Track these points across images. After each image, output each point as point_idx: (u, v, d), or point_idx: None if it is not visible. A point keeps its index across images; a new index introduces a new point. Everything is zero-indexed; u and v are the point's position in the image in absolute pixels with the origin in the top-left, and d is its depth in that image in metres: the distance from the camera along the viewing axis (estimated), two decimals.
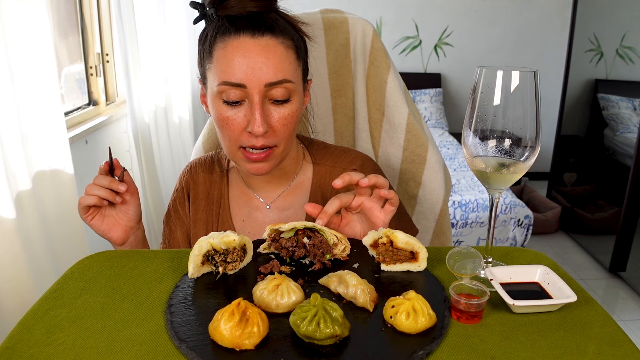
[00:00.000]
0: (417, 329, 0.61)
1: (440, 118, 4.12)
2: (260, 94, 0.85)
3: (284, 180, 1.03)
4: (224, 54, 0.86)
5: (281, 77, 0.85)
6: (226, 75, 0.85)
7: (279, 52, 0.86)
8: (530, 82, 0.68)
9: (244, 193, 1.04)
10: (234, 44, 0.85)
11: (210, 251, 0.74)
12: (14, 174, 1.41)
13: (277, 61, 0.85)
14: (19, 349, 0.59)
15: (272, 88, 0.85)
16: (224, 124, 0.88)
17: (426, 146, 1.23)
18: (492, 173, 0.72)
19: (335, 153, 1.06)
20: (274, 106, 0.88)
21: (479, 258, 0.72)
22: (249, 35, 0.85)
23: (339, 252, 0.78)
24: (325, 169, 1.03)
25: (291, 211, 1.03)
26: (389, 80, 1.22)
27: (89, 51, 2.44)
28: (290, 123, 0.89)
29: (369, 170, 1.02)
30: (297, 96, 0.89)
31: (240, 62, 0.84)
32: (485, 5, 4.23)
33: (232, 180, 1.06)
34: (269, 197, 1.03)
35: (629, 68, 3.35)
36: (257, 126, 0.84)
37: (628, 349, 0.61)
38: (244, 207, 1.03)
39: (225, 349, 0.58)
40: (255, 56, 0.84)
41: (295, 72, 0.88)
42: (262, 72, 0.84)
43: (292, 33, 0.89)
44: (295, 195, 1.03)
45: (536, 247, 3.27)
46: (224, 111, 0.88)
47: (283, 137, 0.90)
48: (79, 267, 0.78)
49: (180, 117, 3.02)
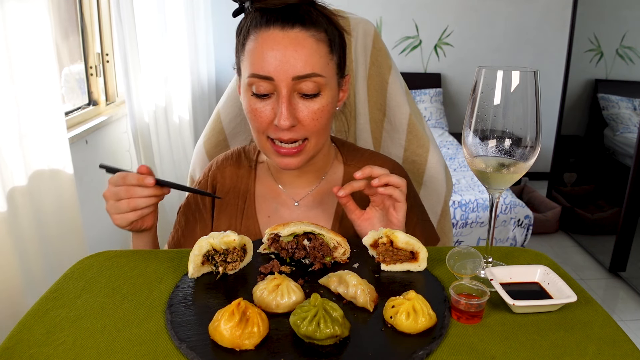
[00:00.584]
0: (417, 329, 0.61)
1: (440, 118, 4.12)
2: (287, 87, 0.84)
3: (314, 177, 1.02)
4: (254, 47, 0.86)
5: (310, 70, 0.84)
6: (255, 67, 0.85)
7: (308, 45, 0.84)
8: (530, 82, 0.68)
9: (272, 189, 1.03)
10: (263, 36, 0.85)
11: (210, 251, 0.74)
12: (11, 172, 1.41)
13: (306, 54, 0.84)
14: (19, 349, 0.59)
15: (301, 81, 0.84)
16: (253, 115, 0.88)
17: (427, 146, 1.22)
18: (492, 173, 0.72)
19: (365, 155, 1.05)
20: (303, 100, 0.86)
21: (479, 258, 0.72)
22: (279, 28, 0.84)
23: (339, 255, 0.78)
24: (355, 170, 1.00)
25: (319, 210, 1.01)
26: (390, 81, 1.22)
27: (89, 51, 2.44)
28: (320, 117, 0.88)
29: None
30: (328, 90, 0.88)
31: (268, 54, 0.84)
32: (485, 5, 4.23)
33: (259, 175, 1.04)
34: (297, 194, 1.02)
35: (629, 68, 3.35)
36: (283, 120, 0.84)
37: (628, 349, 0.61)
38: (271, 203, 1.02)
39: (225, 349, 0.58)
40: (283, 49, 0.83)
41: (326, 66, 0.87)
42: (290, 64, 0.83)
43: (326, 26, 0.88)
44: (324, 194, 1.02)
45: (536, 247, 3.27)
46: (253, 103, 0.88)
47: (313, 131, 0.88)
48: (79, 267, 0.78)
49: (180, 117, 3.02)
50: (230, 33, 4.76)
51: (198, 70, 3.48)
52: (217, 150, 1.23)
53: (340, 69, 0.93)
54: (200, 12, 3.55)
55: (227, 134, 1.23)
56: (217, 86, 4.11)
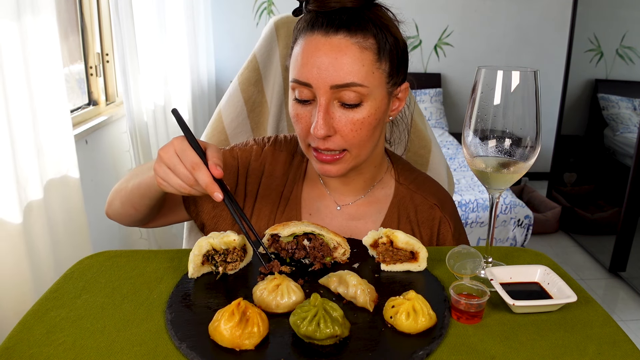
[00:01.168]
0: (417, 329, 0.61)
1: (440, 118, 4.12)
2: (326, 95, 0.81)
3: (361, 187, 0.98)
4: (297, 51, 0.84)
5: (349, 80, 0.80)
6: (296, 73, 0.83)
7: (350, 52, 0.80)
8: (530, 82, 0.68)
9: (317, 187, 1.00)
10: (307, 41, 0.82)
11: (210, 251, 0.74)
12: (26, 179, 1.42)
13: (346, 62, 0.80)
14: (19, 349, 0.59)
15: (340, 90, 0.81)
16: (295, 120, 0.86)
17: (429, 147, 1.22)
18: (492, 173, 0.72)
19: (419, 179, 1.01)
20: (343, 109, 0.82)
21: (479, 258, 0.72)
22: (323, 33, 0.81)
23: (339, 256, 0.78)
24: (407, 191, 0.98)
25: (362, 222, 0.96)
26: None
27: (89, 51, 2.44)
28: (361, 129, 0.83)
29: (447, 211, 0.98)
30: (371, 101, 0.83)
31: (308, 61, 0.81)
32: (485, 5, 4.23)
33: (309, 170, 1.01)
34: (341, 200, 0.98)
35: (629, 68, 3.35)
36: (318, 129, 0.81)
37: (628, 349, 0.61)
38: (315, 202, 0.99)
39: (225, 349, 0.58)
40: (322, 55, 0.80)
41: (370, 76, 0.82)
42: (328, 73, 0.80)
43: (376, 31, 0.82)
44: (371, 206, 0.98)
45: (536, 247, 3.27)
46: (295, 108, 0.86)
47: (354, 142, 0.84)
48: (79, 267, 0.78)
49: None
50: (231, 33, 4.75)
51: (198, 70, 3.48)
52: None
53: (393, 77, 0.87)
54: (200, 12, 3.54)
55: (229, 133, 1.23)
56: (217, 86, 4.11)
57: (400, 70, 0.89)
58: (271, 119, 1.26)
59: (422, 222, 0.97)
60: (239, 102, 1.22)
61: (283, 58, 1.23)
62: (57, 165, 1.60)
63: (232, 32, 4.13)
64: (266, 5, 4.09)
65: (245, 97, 1.24)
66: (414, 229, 0.97)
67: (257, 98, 1.25)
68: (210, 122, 1.25)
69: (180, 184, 0.76)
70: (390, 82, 0.87)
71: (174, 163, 0.76)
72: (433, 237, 0.97)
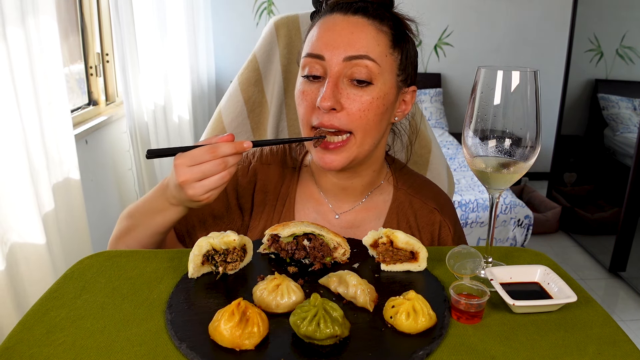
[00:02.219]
0: (417, 329, 0.61)
1: (440, 118, 4.12)
2: (337, 67, 0.80)
3: (359, 193, 0.96)
4: (314, 31, 0.85)
5: (363, 52, 0.80)
6: (309, 47, 0.84)
7: (367, 30, 0.81)
8: (530, 82, 0.68)
9: (314, 196, 0.97)
10: (324, 20, 0.84)
11: (210, 251, 0.73)
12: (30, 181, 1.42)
13: (361, 37, 0.81)
14: (19, 349, 0.59)
15: (353, 65, 0.80)
16: (300, 99, 0.84)
17: (429, 147, 1.22)
18: (492, 173, 0.72)
19: (417, 182, 1.00)
20: (353, 87, 0.81)
21: (479, 258, 0.72)
22: (342, 13, 0.83)
23: (339, 256, 0.78)
24: (405, 195, 0.97)
25: (361, 229, 0.95)
26: None
27: (89, 51, 2.44)
28: (369, 110, 0.81)
29: (447, 214, 0.98)
30: (381, 84, 0.82)
31: (324, 35, 0.82)
32: (485, 5, 4.23)
33: (302, 180, 0.99)
34: (339, 207, 0.96)
35: (629, 68, 3.34)
36: (324, 99, 0.79)
37: (628, 349, 0.61)
38: (311, 211, 0.96)
39: (225, 349, 0.58)
40: (340, 29, 0.81)
41: (383, 57, 0.82)
42: (343, 44, 0.80)
43: (393, 24, 0.85)
44: (368, 212, 0.97)
45: (536, 247, 3.27)
46: (302, 86, 0.84)
47: (359, 124, 0.82)
48: (79, 267, 0.78)
49: (180, 117, 3.02)
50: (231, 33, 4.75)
51: (198, 70, 3.48)
52: None
53: (403, 72, 0.87)
54: (200, 12, 3.54)
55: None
56: (217, 86, 4.11)
57: (411, 69, 0.90)
58: (271, 118, 1.26)
59: (422, 227, 0.96)
60: (239, 102, 1.22)
61: (283, 58, 1.23)
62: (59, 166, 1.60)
63: (232, 32, 4.13)
64: (266, 5, 4.09)
65: (245, 97, 1.24)
66: (415, 234, 0.96)
67: (257, 98, 1.25)
68: (211, 122, 1.25)
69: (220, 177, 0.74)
70: (401, 76, 0.87)
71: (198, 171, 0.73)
72: (434, 241, 0.97)
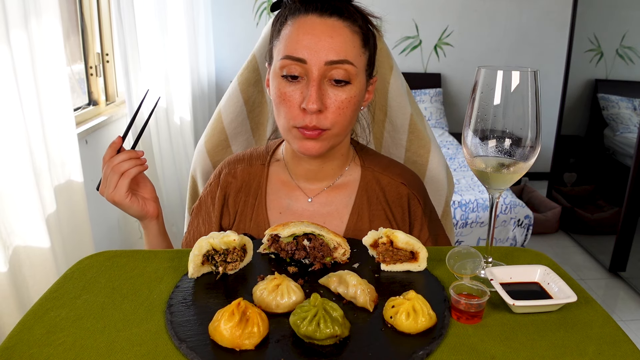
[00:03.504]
0: (417, 329, 0.61)
1: (440, 118, 4.12)
2: (319, 71, 0.85)
3: (330, 176, 1.02)
4: (290, 31, 0.88)
5: (343, 56, 0.85)
6: (289, 49, 0.86)
7: (344, 34, 0.86)
8: (530, 82, 0.68)
9: (286, 185, 1.03)
10: (301, 21, 0.87)
11: (210, 251, 0.74)
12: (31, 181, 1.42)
13: (341, 41, 0.86)
14: (19, 349, 0.59)
15: (333, 68, 0.85)
16: (281, 100, 0.88)
17: (429, 147, 1.22)
18: (492, 173, 0.72)
19: (384, 162, 1.05)
20: (332, 87, 0.87)
21: (479, 258, 0.72)
22: (317, 15, 0.87)
23: (339, 256, 0.78)
24: (374, 173, 1.03)
25: (332, 207, 1.01)
26: (391, 81, 1.22)
27: (89, 51, 2.44)
28: (345, 108, 0.88)
29: (414, 187, 1.02)
30: (357, 83, 0.89)
31: (304, 38, 0.85)
32: (485, 5, 4.23)
33: (272, 173, 1.04)
34: (311, 192, 1.02)
35: (629, 68, 3.35)
36: (312, 102, 0.84)
37: (628, 349, 0.61)
38: (284, 199, 1.02)
39: (225, 349, 0.58)
40: (320, 34, 0.85)
41: (358, 58, 0.88)
42: (325, 49, 0.85)
43: (361, 22, 0.90)
44: (339, 192, 1.02)
45: (536, 247, 3.27)
46: (282, 87, 0.88)
47: (336, 121, 0.88)
48: (79, 267, 0.78)
49: (181, 118, 3.02)
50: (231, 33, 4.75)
51: (198, 70, 3.48)
52: (218, 150, 1.23)
53: (370, 67, 0.93)
54: (200, 12, 3.54)
55: (228, 134, 1.23)
56: (217, 86, 4.11)
57: (374, 62, 0.95)
58: (271, 119, 1.26)
59: (392, 202, 1.00)
60: (239, 103, 1.22)
61: None
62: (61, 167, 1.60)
63: (232, 32, 4.13)
64: (266, 5, 4.09)
65: (245, 97, 1.24)
66: (386, 210, 1.00)
67: (256, 98, 1.25)
68: (210, 123, 1.25)
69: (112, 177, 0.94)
70: (369, 70, 0.93)
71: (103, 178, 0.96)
72: (405, 214, 1.01)
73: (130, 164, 0.94)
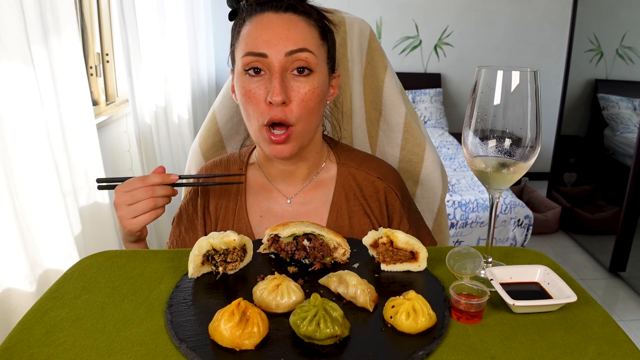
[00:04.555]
0: (417, 329, 0.61)
1: (440, 118, 4.12)
2: (280, 64, 0.86)
3: (306, 175, 1.03)
4: (249, 29, 0.90)
5: (302, 45, 0.87)
6: (249, 46, 0.88)
7: (300, 26, 0.89)
8: (530, 82, 0.68)
9: (264, 188, 1.04)
10: (258, 19, 0.89)
11: (210, 251, 0.74)
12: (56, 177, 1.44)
13: (298, 32, 0.88)
14: (19, 349, 0.59)
15: (293, 58, 0.87)
16: (247, 98, 0.89)
17: (423, 145, 1.23)
18: (492, 173, 0.72)
19: (360, 157, 1.06)
20: (295, 79, 0.88)
21: (479, 258, 0.72)
22: (273, 12, 0.89)
23: (339, 256, 0.78)
24: (349, 169, 1.04)
25: (312, 206, 1.02)
26: (386, 80, 1.22)
27: (89, 51, 2.44)
28: (309, 100, 0.89)
29: (391, 181, 1.03)
30: (319, 73, 0.90)
31: (262, 33, 0.87)
32: (485, 5, 4.23)
33: (250, 177, 1.05)
34: (289, 192, 1.03)
35: (629, 68, 3.35)
36: (276, 94, 0.85)
37: (628, 349, 0.61)
38: (263, 202, 1.02)
39: (225, 349, 0.58)
40: (277, 27, 0.87)
41: (318, 49, 0.90)
42: (283, 41, 0.86)
43: (316, 17, 0.92)
44: (317, 190, 1.03)
45: (536, 247, 3.27)
46: (247, 84, 0.89)
47: (300, 114, 0.89)
48: (79, 267, 0.78)
49: (180, 117, 3.02)
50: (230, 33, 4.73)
51: (198, 70, 3.48)
52: (213, 151, 1.23)
53: (330, 61, 0.95)
54: (200, 12, 3.54)
55: (223, 135, 1.23)
56: (217, 86, 4.11)
57: (334, 58, 0.97)
58: None
59: (369, 197, 1.02)
60: (233, 103, 1.22)
61: None
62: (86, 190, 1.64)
63: None
64: None
65: None
66: (364, 205, 1.01)
67: None
68: (205, 124, 1.25)
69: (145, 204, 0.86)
70: (329, 64, 0.94)
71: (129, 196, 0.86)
72: (382, 208, 1.01)
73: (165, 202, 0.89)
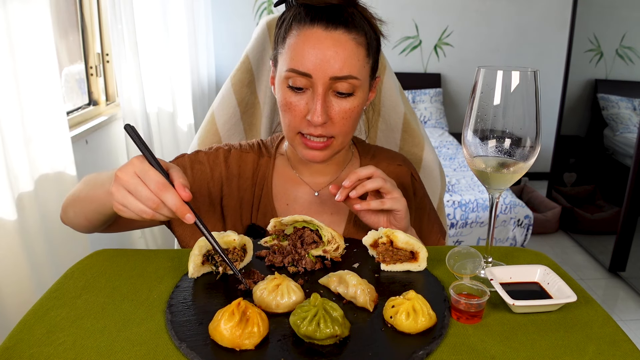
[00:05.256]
0: (417, 329, 0.61)
1: (440, 118, 4.12)
2: (324, 86, 0.86)
3: (334, 170, 1.04)
4: (295, 42, 0.87)
5: (347, 72, 0.86)
6: (294, 63, 0.87)
7: (349, 47, 0.87)
8: (530, 82, 0.68)
9: (291, 179, 1.04)
10: (307, 34, 0.86)
11: (210, 251, 0.74)
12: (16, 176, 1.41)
13: (345, 56, 0.86)
14: (19, 349, 0.59)
15: (337, 82, 0.87)
16: (287, 108, 0.90)
17: (422, 145, 1.23)
18: (492, 173, 0.72)
19: (377, 150, 1.10)
20: (337, 98, 0.89)
21: (479, 258, 0.72)
22: (323, 27, 0.86)
23: (331, 250, 0.78)
24: (372, 162, 1.07)
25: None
26: (385, 80, 1.23)
27: (89, 51, 2.44)
28: (349, 117, 0.90)
29: (409, 165, 1.08)
30: (361, 92, 0.91)
31: (309, 52, 0.86)
32: (485, 5, 4.23)
33: (278, 166, 1.05)
34: (317, 185, 1.04)
35: (628, 68, 3.35)
36: (317, 116, 0.86)
37: (628, 349, 0.61)
38: (291, 192, 1.03)
39: (225, 349, 0.58)
40: (325, 49, 0.85)
41: (362, 70, 0.89)
42: (329, 65, 0.85)
43: (367, 29, 0.90)
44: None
45: (536, 247, 3.27)
46: (288, 96, 0.89)
47: (341, 130, 0.91)
48: (79, 266, 0.78)
49: (180, 117, 3.02)
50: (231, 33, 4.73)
51: (198, 71, 3.48)
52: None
53: (373, 72, 0.95)
54: (200, 12, 3.54)
55: (222, 135, 1.23)
56: (217, 86, 4.11)
57: (377, 65, 0.97)
58: (264, 120, 1.26)
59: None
60: (232, 104, 1.22)
61: None
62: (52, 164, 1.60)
63: (232, 32, 4.13)
64: (266, 5, 4.09)
65: (238, 98, 1.24)
66: None
67: (250, 99, 1.26)
68: (203, 124, 1.25)
69: (142, 209, 0.69)
70: (372, 76, 0.95)
71: (135, 185, 0.68)
72: (409, 192, 1.06)
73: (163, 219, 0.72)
